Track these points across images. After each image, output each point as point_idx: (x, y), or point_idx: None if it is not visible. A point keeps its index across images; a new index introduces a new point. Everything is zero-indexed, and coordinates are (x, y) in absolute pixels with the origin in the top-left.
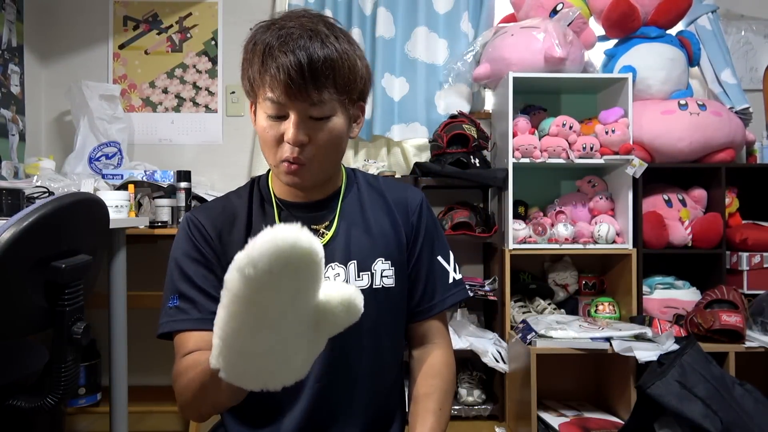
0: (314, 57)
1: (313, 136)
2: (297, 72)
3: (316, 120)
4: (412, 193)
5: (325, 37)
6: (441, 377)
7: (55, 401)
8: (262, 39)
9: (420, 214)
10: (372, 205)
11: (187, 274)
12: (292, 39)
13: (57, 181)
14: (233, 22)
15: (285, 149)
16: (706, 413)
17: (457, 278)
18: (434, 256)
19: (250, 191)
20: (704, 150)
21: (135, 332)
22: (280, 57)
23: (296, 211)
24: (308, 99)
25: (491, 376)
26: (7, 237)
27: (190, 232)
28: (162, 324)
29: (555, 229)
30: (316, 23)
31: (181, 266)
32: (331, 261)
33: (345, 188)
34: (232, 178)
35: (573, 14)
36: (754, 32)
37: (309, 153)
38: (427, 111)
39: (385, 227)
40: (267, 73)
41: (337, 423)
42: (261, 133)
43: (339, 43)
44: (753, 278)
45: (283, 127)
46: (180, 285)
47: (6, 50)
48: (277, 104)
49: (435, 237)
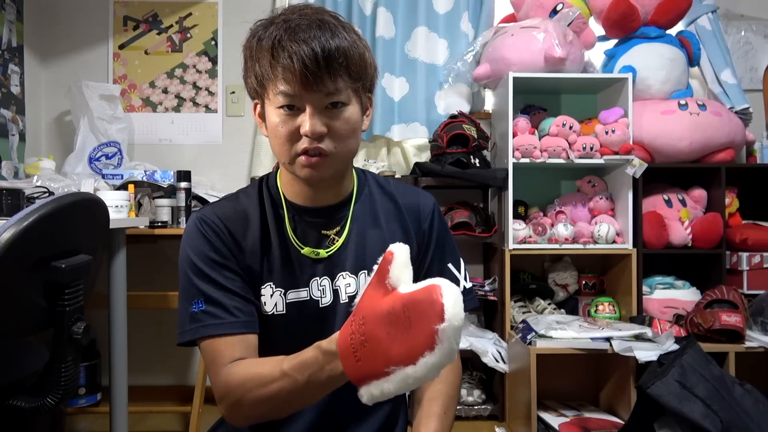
0: (327, 45)
1: (330, 126)
2: (312, 61)
3: (332, 109)
4: (423, 198)
5: (333, 27)
6: (446, 382)
7: (55, 401)
8: (267, 34)
9: (432, 221)
10: (384, 212)
11: (209, 276)
12: (301, 30)
13: (57, 181)
14: (233, 22)
15: (302, 142)
16: (706, 413)
17: (468, 286)
18: (445, 264)
19: (260, 192)
20: (704, 150)
21: (135, 332)
22: (292, 47)
23: (307, 216)
24: (324, 88)
25: (491, 376)
26: (7, 237)
27: (204, 231)
28: (188, 330)
29: (555, 229)
30: (322, 14)
31: (200, 267)
32: (342, 270)
33: (357, 193)
34: (232, 178)
35: (573, 14)
36: (754, 32)
37: (328, 144)
38: (427, 111)
39: (396, 234)
40: (279, 64)
41: (344, 427)
42: (273, 130)
43: (347, 33)
44: (753, 278)
45: (298, 121)
46: (203, 287)
47: (6, 50)
48: (290, 96)
49: (446, 244)
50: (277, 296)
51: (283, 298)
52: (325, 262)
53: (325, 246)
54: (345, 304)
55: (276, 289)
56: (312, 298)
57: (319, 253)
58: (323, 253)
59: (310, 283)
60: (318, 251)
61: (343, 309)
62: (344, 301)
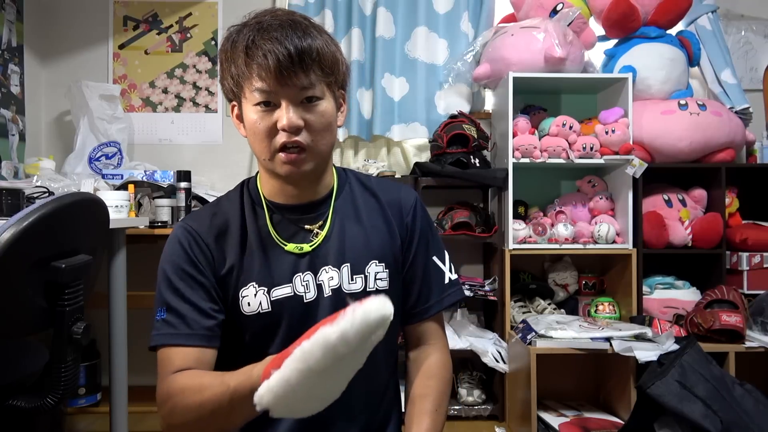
0: (298, 43)
1: (306, 119)
2: (285, 57)
3: (308, 104)
4: (405, 193)
5: (305, 27)
6: (437, 378)
7: (55, 401)
8: (241, 37)
9: (414, 215)
10: (365, 207)
11: (175, 286)
12: (273, 29)
13: (57, 181)
14: (233, 22)
15: (280, 137)
16: (706, 413)
17: (453, 278)
18: (429, 257)
19: (240, 195)
20: (704, 150)
21: (135, 332)
22: (265, 45)
23: (288, 213)
24: (298, 83)
25: (491, 376)
26: (7, 237)
27: (182, 241)
28: (152, 337)
29: (555, 229)
30: (293, 15)
31: (169, 277)
32: (324, 264)
33: (337, 188)
34: (232, 178)
35: (573, 14)
36: (754, 32)
37: (305, 137)
38: (427, 111)
39: (379, 228)
40: (253, 62)
41: (333, 426)
42: (251, 127)
43: (319, 33)
44: (753, 278)
45: (275, 117)
46: (167, 297)
47: (6, 50)
48: (266, 93)
49: (430, 237)
50: (261, 295)
51: (267, 296)
52: (308, 256)
53: (308, 240)
54: (329, 297)
55: (259, 288)
56: (296, 294)
57: (303, 248)
58: (307, 247)
59: (294, 279)
60: (302, 246)
61: (327, 303)
62: (328, 294)
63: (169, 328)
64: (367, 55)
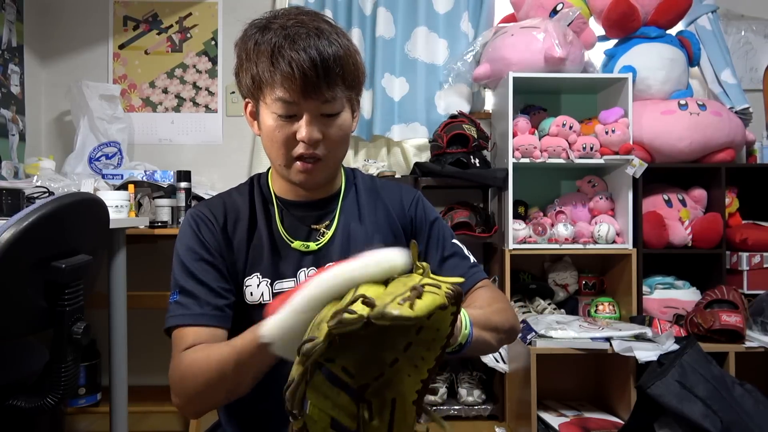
0: (325, 54)
1: (325, 132)
2: (311, 69)
3: (328, 117)
4: (406, 191)
5: (329, 34)
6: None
7: (55, 401)
8: (265, 39)
9: (416, 207)
10: (369, 206)
11: (189, 269)
12: (300, 38)
13: (57, 181)
14: (233, 22)
15: (298, 147)
16: (706, 413)
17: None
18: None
19: (251, 189)
20: (704, 150)
21: (135, 332)
22: (291, 55)
23: (297, 211)
24: (321, 96)
25: (491, 376)
26: (7, 237)
27: (192, 225)
28: (166, 320)
29: (555, 229)
30: (318, 21)
31: (182, 260)
32: (329, 262)
33: (345, 188)
34: (232, 178)
35: (573, 14)
36: (754, 32)
37: (322, 150)
38: (427, 111)
39: (382, 227)
40: (278, 71)
41: None
42: (269, 134)
43: (342, 40)
44: (753, 278)
45: (294, 127)
46: (180, 279)
47: (6, 50)
48: (288, 104)
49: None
50: (264, 286)
51: (270, 288)
52: (314, 254)
53: (315, 239)
54: None
55: (263, 279)
56: None
57: (309, 246)
58: (313, 246)
59: (298, 274)
60: (308, 244)
61: None
62: None
63: (182, 309)
64: (367, 55)
